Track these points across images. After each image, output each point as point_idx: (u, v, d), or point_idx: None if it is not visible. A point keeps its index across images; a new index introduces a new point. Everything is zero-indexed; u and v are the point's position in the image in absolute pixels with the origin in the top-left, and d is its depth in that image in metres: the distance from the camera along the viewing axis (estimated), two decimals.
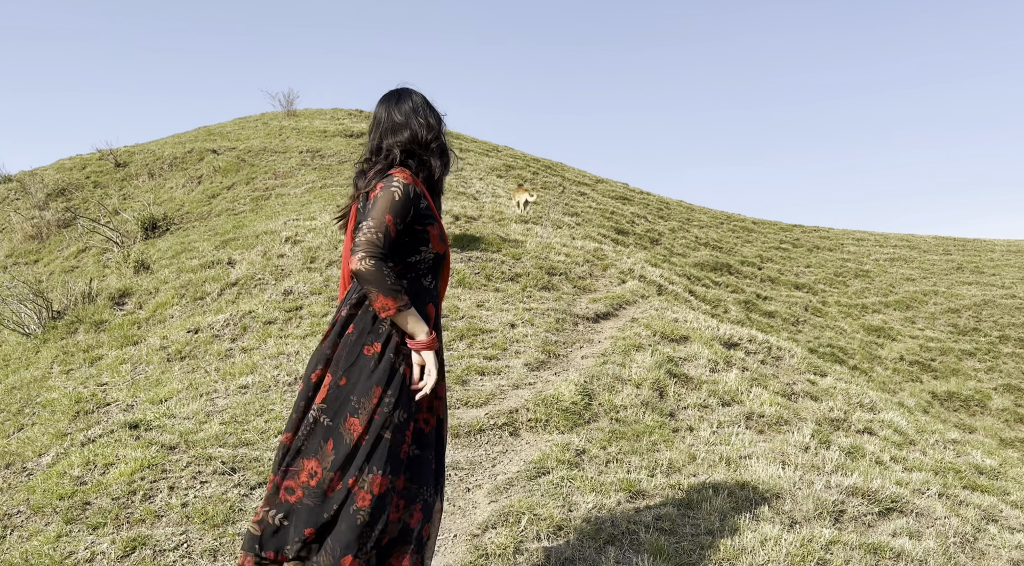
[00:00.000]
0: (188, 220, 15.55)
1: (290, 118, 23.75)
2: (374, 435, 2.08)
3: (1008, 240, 23.79)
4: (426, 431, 2.25)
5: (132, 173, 19.16)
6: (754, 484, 3.68)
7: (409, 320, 2.08)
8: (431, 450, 2.26)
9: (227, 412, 4.76)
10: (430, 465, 2.23)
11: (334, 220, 2.42)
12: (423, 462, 2.21)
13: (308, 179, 16.35)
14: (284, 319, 6.79)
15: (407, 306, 2.07)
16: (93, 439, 4.51)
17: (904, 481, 3.98)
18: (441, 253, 2.25)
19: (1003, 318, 16.50)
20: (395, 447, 2.11)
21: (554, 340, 6.14)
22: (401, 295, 2.06)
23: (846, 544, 3.15)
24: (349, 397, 2.11)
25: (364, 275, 2.03)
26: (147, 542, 3.12)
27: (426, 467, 2.21)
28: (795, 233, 21.58)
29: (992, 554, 3.38)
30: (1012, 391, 13.37)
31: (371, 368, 2.10)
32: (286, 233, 10.16)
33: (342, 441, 2.09)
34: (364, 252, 2.03)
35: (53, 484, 3.91)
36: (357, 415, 2.09)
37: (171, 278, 9.39)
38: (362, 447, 2.08)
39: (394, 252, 2.14)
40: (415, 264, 2.18)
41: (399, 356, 2.11)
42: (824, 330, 14.27)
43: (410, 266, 2.18)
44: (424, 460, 2.22)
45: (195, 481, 3.70)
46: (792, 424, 4.83)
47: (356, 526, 2.04)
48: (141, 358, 6.57)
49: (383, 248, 2.06)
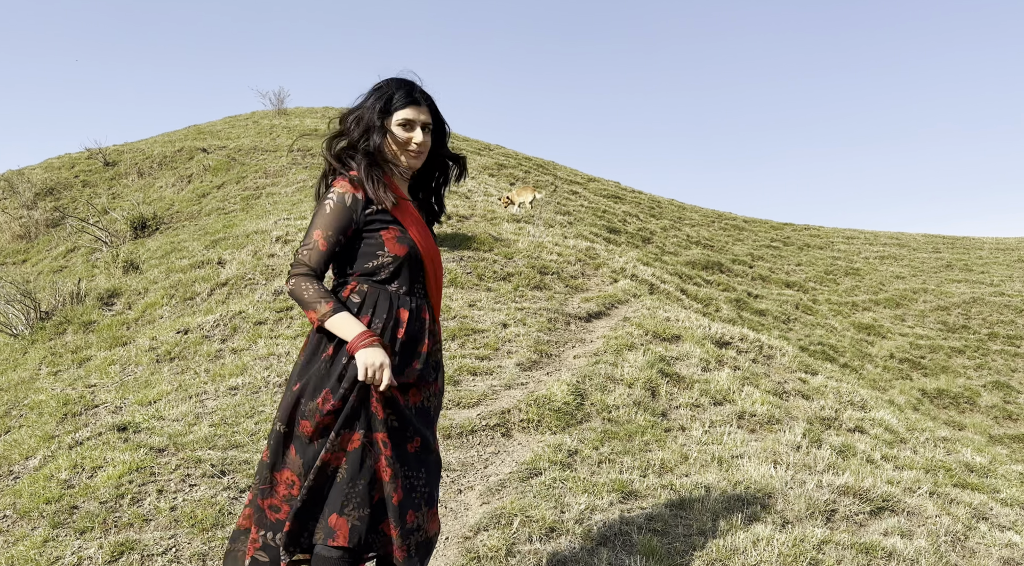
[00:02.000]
0: (178, 219, 15.47)
1: (281, 117, 23.66)
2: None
3: (996, 238, 23.93)
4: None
5: (121, 172, 19.04)
6: (746, 484, 3.68)
7: (337, 327, 2.06)
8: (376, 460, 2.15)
9: (217, 414, 4.72)
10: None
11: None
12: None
13: (299, 178, 16.29)
14: (275, 320, 6.75)
15: (330, 314, 2.06)
16: (81, 442, 4.47)
17: (895, 480, 3.98)
18: (402, 255, 2.14)
19: (992, 316, 16.60)
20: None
21: (546, 340, 6.12)
22: (322, 305, 2.07)
23: (838, 544, 3.15)
24: (299, 401, 2.11)
25: (289, 293, 2.18)
26: (135, 546, 3.09)
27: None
28: (786, 232, 21.64)
29: (983, 553, 3.38)
30: (1001, 388, 13.45)
31: (322, 372, 2.10)
32: (277, 232, 10.11)
33: (302, 444, 2.10)
34: (290, 271, 2.13)
35: (40, 488, 3.87)
36: (307, 417, 2.09)
37: (160, 278, 9.33)
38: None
39: (352, 260, 2.17)
40: (375, 270, 2.14)
41: (351, 359, 2.09)
42: (815, 328, 14.31)
43: (369, 272, 2.15)
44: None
45: (184, 484, 3.67)
46: (784, 423, 4.83)
47: (341, 489, 2.10)
48: (130, 359, 6.52)
49: (309, 264, 2.11)
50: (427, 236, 2.23)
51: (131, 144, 22.25)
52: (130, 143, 22.50)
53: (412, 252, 2.15)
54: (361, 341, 2.04)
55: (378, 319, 2.12)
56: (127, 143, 22.57)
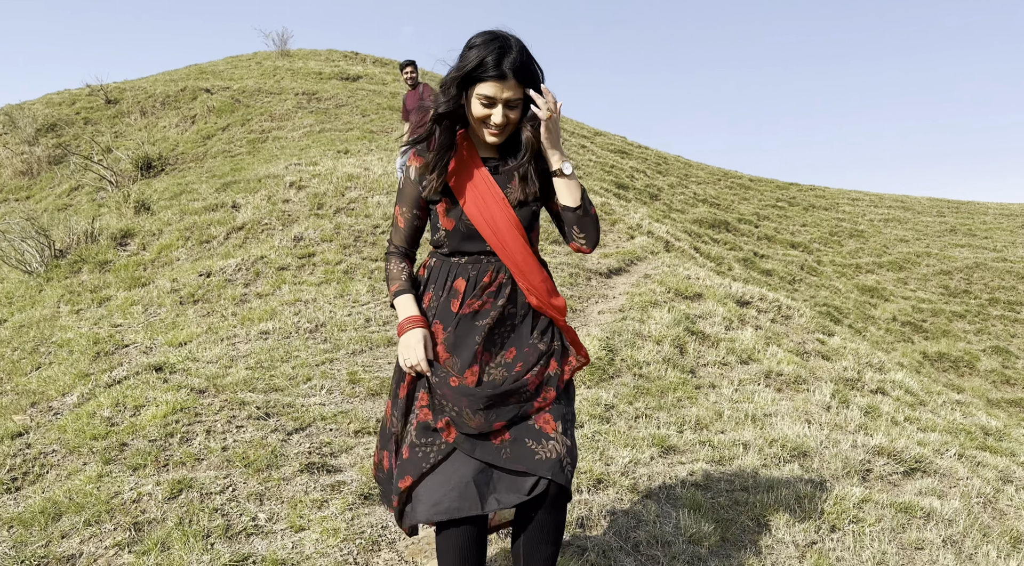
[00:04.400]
0: (183, 161, 15.31)
1: (284, 58, 23.24)
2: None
3: (1001, 203, 23.95)
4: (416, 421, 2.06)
5: (124, 110, 18.75)
6: (782, 442, 3.76)
7: (396, 311, 2.11)
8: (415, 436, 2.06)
9: (251, 357, 4.76)
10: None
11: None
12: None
13: (305, 122, 16.10)
14: (297, 266, 6.75)
15: (391, 298, 2.13)
16: (119, 380, 4.51)
17: (924, 442, 4.07)
18: (450, 229, 2.05)
19: (993, 281, 16.71)
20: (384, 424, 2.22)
21: (569, 294, 6.15)
22: (390, 287, 2.13)
23: (877, 503, 3.24)
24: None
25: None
26: (192, 484, 3.15)
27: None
28: (791, 192, 21.59)
29: (1012, 515, 3.48)
30: (1000, 353, 13.63)
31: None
32: (290, 178, 10.03)
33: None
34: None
35: (84, 424, 3.92)
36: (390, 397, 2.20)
37: (174, 220, 9.28)
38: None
39: (429, 233, 2.18)
40: (438, 243, 2.13)
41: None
42: (819, 289, 14.40)
43: (436, 244, 2.15)
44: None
45: (231, 425, 3.73)
46: (810, 383, 4.91)
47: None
48: (152, 300, 6.53)
49: (393, 242, 2.17)
50: (489, 205, 2.03)
51: (132, 82, 21.85)
52: (130, 81, 22.10)
53: (459, 225, 2.05)
54: (402, 328, 2.05)
55: (435, 293, 2.10)
56: (127, 81, 22.16)
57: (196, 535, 2.80)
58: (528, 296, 2.06)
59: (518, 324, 2.08)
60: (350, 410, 3.91)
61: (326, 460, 3.37)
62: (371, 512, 3.00)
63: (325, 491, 3.12)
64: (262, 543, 2.80)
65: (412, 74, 8.26)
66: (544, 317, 2.09)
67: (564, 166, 1.99)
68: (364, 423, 3.75)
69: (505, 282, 2.07)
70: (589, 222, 2.04)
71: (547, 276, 2.11)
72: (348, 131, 14.68)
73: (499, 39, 1.93)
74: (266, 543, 2.80)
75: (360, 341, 4.93)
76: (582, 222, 2.03)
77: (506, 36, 1.95)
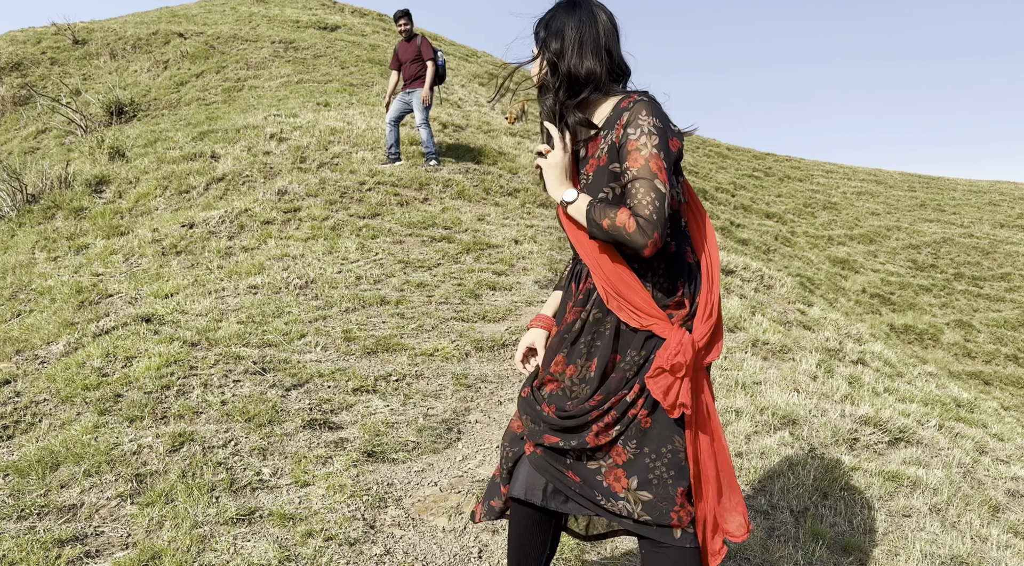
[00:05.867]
0: (156, 107, 14.91)
1: (260, 4, 22.60)
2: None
3: (970, 180, 24.37)
4: (523, 395, 1.91)
5: (92, 52, 18.12)
6: (772, 410, 3.84)
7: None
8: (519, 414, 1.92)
9: (242, 311, 4.72)
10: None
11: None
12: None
13: (283, 72, 15.72)
14: (282, 220, 6.66)
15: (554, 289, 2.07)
16: (107, 330, 4.44)
17: (906, 412, 4.20)
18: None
19: (959, 256, 17.09)
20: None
21: (558, 259, 6.17)
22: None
23: (866, 471, 3.34)
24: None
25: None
26: (194, 438, 3.13)
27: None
28: (768, 162, 21.74)
29: (990, 484, 3.62)
30: (963, 327, 14.01)
31: None
32: (270, 129, 9.84)
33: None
34: None
35: (74, 374, 3.87)
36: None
37: (151, 168, 9.07)
38: None
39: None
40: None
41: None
42: (793, 260, 14.61)
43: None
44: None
45: (227, 380, 3.70)
46: (795, 352, 5.01)
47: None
48: (133, 249, 6.41)
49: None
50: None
51: (100, 22, 21.09)
52: (99, 21, 21.33)
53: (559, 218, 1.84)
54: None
55: (563, 296, 1.89)
56: (95, 20, 21.39)
57: (201, 488, 2.80)
58: (607, 299, 1.71)
59: (607, 337, 1.74)
60: (347, 368, 3.90)
61: (327, 417, 3.37)
62: (375, 470, 3.02)
63: (328, 448, 3.13)
64: (268, 497, 2.81)
65: (406, 26, 8.09)
66: (640, 332, 1.71)
67: (566, 195, 1.74)
68: (362, 381, 3.75)
69: (593, 287, 1.77)
70: (605, 237, 1.66)
71: (633, 278, 1.70)
72: (327, 83, 14.38)
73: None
74: (272, 498, 2.81)
75: (352, 299, 4.90)
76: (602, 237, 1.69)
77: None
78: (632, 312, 1.69)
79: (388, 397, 3.64)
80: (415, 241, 6.22)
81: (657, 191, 1.57)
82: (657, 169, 1.58)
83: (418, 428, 3.36)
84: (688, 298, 1.73)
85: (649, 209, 1.56)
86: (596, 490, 1.75)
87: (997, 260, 17.16)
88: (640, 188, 1.58)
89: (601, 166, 1.71)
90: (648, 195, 1.57)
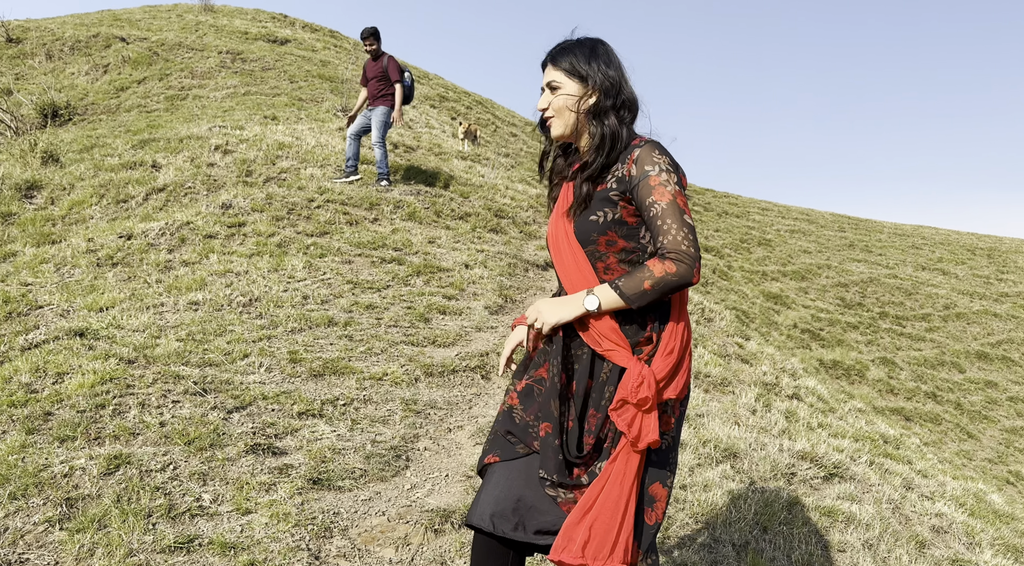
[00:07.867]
0: (94, 112, 14.46)
1: (207, 13, 22.23)
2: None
3: (895, 223, 25.50)
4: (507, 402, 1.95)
5: (27, 51, 17.51)
6: (714, 442, 3.92)
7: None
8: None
9: (182, 328, 4.58)
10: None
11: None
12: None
13: (229, 83, 15.47)
14: (226, 235, 6.51)
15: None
16: (37, 344, 4.26)
17: (840, 448, 4.34)
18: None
19: (884, 296, 17.82)
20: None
21: (508, 285, 6.20)
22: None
23: (804, 506, 3.44)
24: None
25: None
26: (130, 460, 3.02)
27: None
28: (707, 197, 22.32)
29: (916, 521, 3.76)
30: (887, 364, 14.57)
31: None
32: (215, 141, 9.64)
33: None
34: None
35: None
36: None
37: (87, 175, 8.78)
38: None
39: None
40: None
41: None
42: (729, 293, 14.99)
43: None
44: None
45: (166, 400, 3.58)
46: (735, 385, 5.13)
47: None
48: (65, 259, 6.18)
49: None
50: (557, 221, 1.90)
51: (37, 21, 20.41)
52: (35, 20, 20.64)
53: (547, 242, 1.97)
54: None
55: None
56: (31, 19, 20.69)
57: (136, 514, 2.70)
58: (581, 332, 1.78)
59: (583, 364, 1.82)
60: (292, 391, 3.83)
61: (271, 442, 3.29)
62: (321, 498, 2.96)
63: (272, 474, 3.06)
64: (208, 525, 2.72)
65: (372, 45, 8.07)
66: (610, 362, 1.77)
67: (587, 303, 1.76)
68: (308, 405, 3.68)
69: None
70: (655, 298, 1.72)
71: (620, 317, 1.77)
72: (275, 97, 14.20)
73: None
74: (212, 525, 2.72)
75: (299, 319, 4.82)
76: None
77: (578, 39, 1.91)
78: (597, 336, 1.76)
79: (335, 422, 3.58)
80: (364, 261, 6.17)
81: (689, 226, 1.71)
82: (683, 205, 1.73)
83: (365, 455, 3.31)
84: (656, 334, 1.78)
85: (686, 244, 1.69)
86: (551, 511, 1.81)
87: (919, 301, 17.96)
88: (672, 225, 1.70)
89: (601, 191, 1.81)
90: (682, 231, 1.70)
